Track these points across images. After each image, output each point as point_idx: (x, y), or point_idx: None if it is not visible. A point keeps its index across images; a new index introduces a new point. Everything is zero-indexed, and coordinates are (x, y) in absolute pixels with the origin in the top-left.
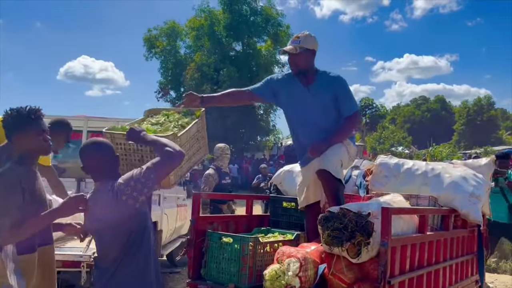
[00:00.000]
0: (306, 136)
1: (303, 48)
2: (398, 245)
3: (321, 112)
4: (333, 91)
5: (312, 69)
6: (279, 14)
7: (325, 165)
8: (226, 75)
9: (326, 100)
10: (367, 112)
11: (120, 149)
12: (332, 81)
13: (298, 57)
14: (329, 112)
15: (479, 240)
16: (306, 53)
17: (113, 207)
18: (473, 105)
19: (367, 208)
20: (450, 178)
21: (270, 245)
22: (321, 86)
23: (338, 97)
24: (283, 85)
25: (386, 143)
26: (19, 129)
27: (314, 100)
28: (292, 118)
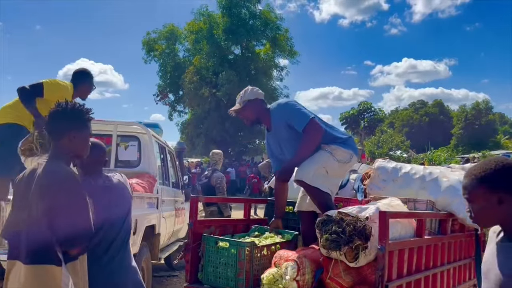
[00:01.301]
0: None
1: (245, 101)
2: (395, 249)
3: (289, 146)
4: (284, 120)
5: (264, 114)
6: (278, 18)
7: (299, 175)
8: (225, 79)
9: (284, 133)
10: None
11: None
12: (279, 112)
13: (245, 111)
14: (294, 141)
15: (476, 244)
16: (249, 105)
17: None
18: (471, 109)
19: (365, 212)
20: (448, 182)
21: (267, 248)
22: (275, 124)
23: (291, 121)
24: (267, 143)
25: (384, 147)
26: (77, 127)
27: (279, 140)
28: (273, 165)
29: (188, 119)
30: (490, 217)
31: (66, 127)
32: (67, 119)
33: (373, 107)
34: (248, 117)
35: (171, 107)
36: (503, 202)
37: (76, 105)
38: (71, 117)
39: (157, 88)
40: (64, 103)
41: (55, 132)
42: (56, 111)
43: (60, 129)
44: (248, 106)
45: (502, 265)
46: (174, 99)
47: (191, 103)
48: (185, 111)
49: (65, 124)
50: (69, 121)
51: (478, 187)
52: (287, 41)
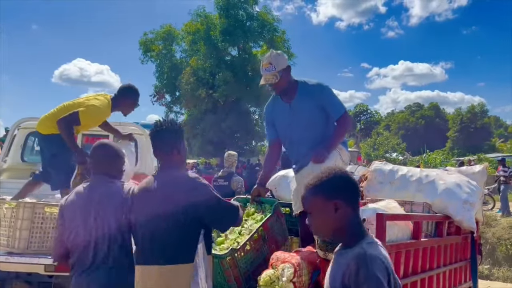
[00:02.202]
0: (293, 152)
1: (281, 71)
2: (392, 252)
3: (304, 126)
4: (316, 100)
5: (292, 84)
6: (275, 19)
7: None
8: (222, 80)
9: (309, 112)
10: (362, 118)
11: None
12: (313, 91)
13: (280, 82)
14: (314, 124)
15: (472, 246)
16: (284, 74)
17: None
18: (466, 112)
19: (362, 214)
20: (444, 185)
21: (250, 241)
22: (302, 99)
23: (323, 105)
24: (272, 109)
25: (380, 149)
26: (182, 140)
27: (296, 115)
28: (281, 136)
29: (185, 120)
30: (328, 225)
31: (173, 142)
32: (173, 135)
33: (369, 110)
34: (281, 87)
35: (168, 107)
36: (338, 209)
37: (173, 122)
38: (176, 133)
39: (153, 89)
40: (163, 122)
41: (164, 148)
42: (160, 131)
43: (170, 144)
44: (283, 76)
45: (333, 272)
46: (171, 100)
47: (187, 104)
48: (181, 112)
49: (172, 140)
50: (174, 137)
51: (315, 197)
52: (284, 43)
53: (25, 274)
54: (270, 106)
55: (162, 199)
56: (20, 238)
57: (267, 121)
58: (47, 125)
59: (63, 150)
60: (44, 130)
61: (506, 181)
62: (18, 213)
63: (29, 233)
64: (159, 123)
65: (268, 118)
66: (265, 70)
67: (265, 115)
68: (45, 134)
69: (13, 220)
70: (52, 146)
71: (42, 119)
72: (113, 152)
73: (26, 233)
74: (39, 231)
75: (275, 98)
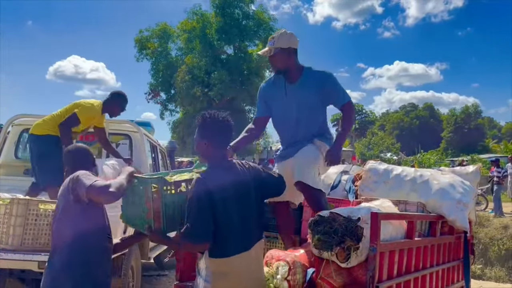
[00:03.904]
0: (284, 132)
1: (278, 48)
2: (386, 250)
3: (304, 108)
4: (322, 87)
5: (294, 67)
6: (271, 18)
7: (303, 177)
8: (217, 78)
9: (311, 97)
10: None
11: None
12: (319, 77)
13: (274, 58)
14: (313, 110)
15: (465, 246)
16: (282, 53)
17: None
18: (460, 113)
19: (357, 213)
20: (438, 184)
21: (187, 183)
22: (306, 83)
23: (329, 92)
24: (269, 87)
25: (375, 149)
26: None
27: (296, 96)
28: (275, 116)
29: (180, 118)
30: (204, 153)
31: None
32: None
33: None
34: (276, 65)
35: (163, 106)
36: (206, 144)
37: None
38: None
39: (149, 87)
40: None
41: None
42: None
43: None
44: (279, 54)
45: None
46: (166, 98)
47: (182, 102)
48: (176, 110)
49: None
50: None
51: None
52: None
53: (19, 271)
54: (268, 84)
55: (247, 181)
56: (13, 235)
57: (260, 97)
58: (44, 128)
59: (55, 150)
60: (40, 131)
61: (499, 182)
62: (12, 210)
63: (23, 230)
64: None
65: (262, 94)
66: (268, 42)
67: (260, 91)
68: (40, 135)
69: (7, 217)
70: (44, 145)
71: (39, 124)
72: (79, 153)
73: (20, 230)
74: (33, 228)
75: (277, 78)
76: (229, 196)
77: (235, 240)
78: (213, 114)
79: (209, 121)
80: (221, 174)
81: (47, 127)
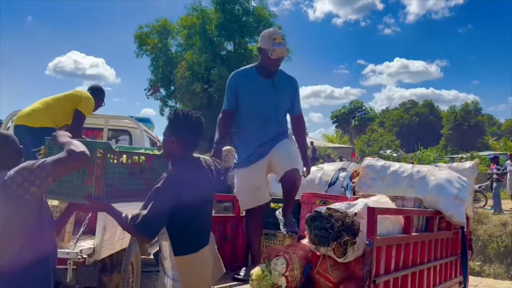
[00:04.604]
0: (260, 130)
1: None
2: (383, 245)
3: (276, 107)
4: (292, 90)
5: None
6: (271, 15)
7: (298, 164)
8: (217, 75)
9: (284, 97)
10: (357, 115)
11: None
12: (291, 80)
13: (283, 59)
14: (282, 109)
15: (462, 242)
16: None
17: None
18: (460, 110)
19: (354, 208)
20: (435, 180)
21: (128, 156)
22: (281, 83)
23: (294, 98)
24: (243, 80)
25: (374, 146)
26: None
27: (277, 95)
28: (249, 111)
29: None
30: (170, 150)
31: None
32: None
33: (364, 106)
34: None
35: (163, 102)
36: (174, 142)
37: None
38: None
39: (148, 83)
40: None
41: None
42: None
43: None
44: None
45: None
46: (166, 94)
47: (182, 99)
48: (176, 106)
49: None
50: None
51: (166, 132)
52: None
53: None
54: (240, 76)
55: (208, 183)
56: None
57: (231, 88)
58: (41, 119)
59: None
60: (34, 123)
61: (498, 179)
62: None
63: None
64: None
65: (234, 84)
66: (279, 44)
67: (231, 82)
68: (36, 127)
69: None
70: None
71: (33, 113)
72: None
73: None
74: None
75: (250, 71)
76: (196, 193)
77: (200, 235)
78: (186, 112)
79: (182, 119)
80: (189, 172)
81: (43, 118)
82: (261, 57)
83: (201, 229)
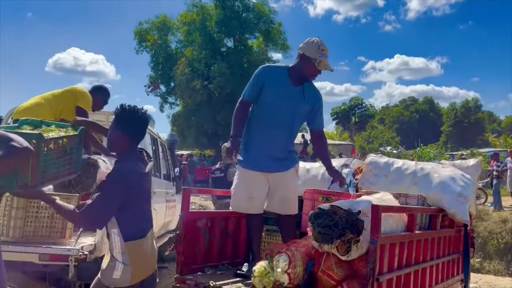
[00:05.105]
0: (270, 135)
1: None
2: (387, 243)
3: (296, 116)
4: (318, 103)
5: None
6: (271, 11)
7: (294, 210)
8: (217, 71)
9: (307, 108)
10: (357, 111)
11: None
12: (318, 94)
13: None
14: (300, 120)
15: (465, 240)
16: None
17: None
18: (460, 107)
19: (358, 206)
20: (439, 178)
21: (54, 142)
22: (309, 94)
23: (317, 110)
24: (273, 77)
25: (374, 143)
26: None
27: (299, 103)
28: (267, 111)
29: (180, 111)
30: (117, 144)
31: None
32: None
33: (364, 103)
34: None
35: (163, 98)
36: (120, 136)
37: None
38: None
39: (148, 79)
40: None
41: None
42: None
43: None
44: None
45: None
46: (166, 90)
47: (182, 95)
48: (176, 103)
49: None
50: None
51: (112, 126)
52: (280, 35)
53: (20, 263)
54: (271, 72)
55: (149, 174)
56: (14, 227)
57: (258, 80)
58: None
59: None
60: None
61: (498, 176)
62: (12, 202)
63: (23, 222)
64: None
65: (261, 79)
66: (325, 56)
67: (261, 74)
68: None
69: (8, 209)
70: None
71: (30, 108)
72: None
73: (21, 222)
74: (34, 220)
75: (281, 71)
76: (141, 183)
77: (146, 221)
78: (132, 107)
79: (127, 114)
80: (135, 165)
81: (41, 112)
82: (302, 63)
83: (147, 216)
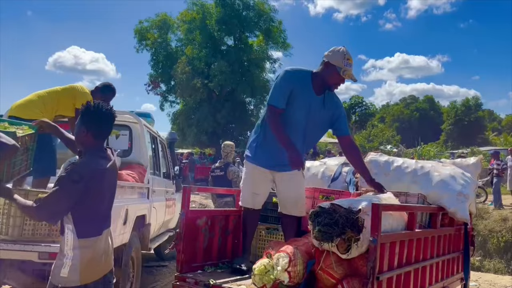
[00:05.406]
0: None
1: None
2: (387, 242)
3: (320, 126)
4: (336, 109)
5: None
6: (271, 9)
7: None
8: (217, 70)
9: (325, 116)
10: (357, 110)
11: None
12: (339, 102)
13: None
14: (323, 129)
15: (465, 238)
16: None
17: None
18: (461, 105)
19: (358, 204)
20: (439, 176)
21: (21, 140)
22: (330, 102)
23: (338, 116)
24: (300, 84)
25: (375, 141)
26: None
27: (318, 112)
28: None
29: (180, 109)
30: (82, 141)
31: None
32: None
33: (364, 102)
34: None
35: (163, 97)
36: (84, 133)
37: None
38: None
39: (148, 78)
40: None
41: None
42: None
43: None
44: None
45: None
46: (166, 89)
47: (182, 94)
48: (176, 101)
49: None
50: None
51: (78, 123)
52: (281, 33)
53: (19, 262)
54: (299, 79)
55: (114, 172)
56: (13, 226)
57: (288, 85)
58: (33, 111)
59: (49, 139)
60: (26, 115)
61: (499, 174)
62: None
63: (22, 220)
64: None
65: (291, 84)
66: (350, 65)
67: (290, 79)
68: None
69: (7, 207)
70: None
71: (25, 105)
72: None
73: (20, 221)
74: None
75: (306, 76)
76: (102, 181)
77: (103, 220)
78: (97, 104)
79: (92, 111)
80: (97, 161)
81: (35, 110)
82: (326, 71)
83: (105, 214)
